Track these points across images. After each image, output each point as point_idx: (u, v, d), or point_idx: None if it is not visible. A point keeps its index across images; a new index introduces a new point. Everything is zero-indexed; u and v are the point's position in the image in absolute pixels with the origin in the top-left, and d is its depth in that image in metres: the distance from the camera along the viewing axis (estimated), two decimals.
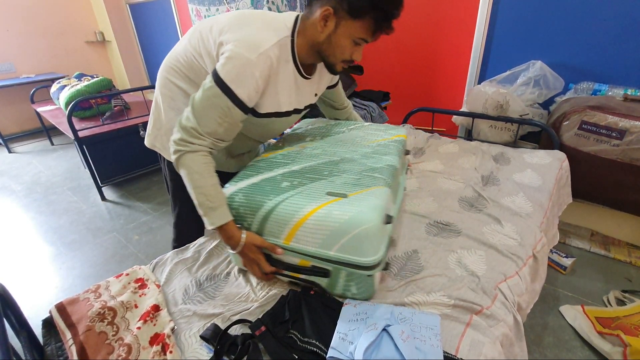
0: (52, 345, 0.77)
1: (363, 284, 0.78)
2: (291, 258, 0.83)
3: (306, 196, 0.78)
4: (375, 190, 0.78)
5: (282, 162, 0.94)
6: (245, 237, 0.82)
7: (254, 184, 0.85)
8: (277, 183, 0.84)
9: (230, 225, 0.82)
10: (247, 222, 0.83)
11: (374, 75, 2.71)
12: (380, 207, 0.74)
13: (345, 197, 0.75)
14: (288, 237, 0.79)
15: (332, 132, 1.12)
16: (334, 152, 0.98)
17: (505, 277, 0.88)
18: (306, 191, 0.79)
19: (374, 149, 0.98)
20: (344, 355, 0.66)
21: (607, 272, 1.64)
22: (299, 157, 0.97)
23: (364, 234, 0.71)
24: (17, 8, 3.69)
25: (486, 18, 1.99)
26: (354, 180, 0.82)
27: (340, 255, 0.74)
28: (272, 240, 0.82)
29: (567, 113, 1.58)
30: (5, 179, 3.01)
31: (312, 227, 0.74)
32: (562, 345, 1.32)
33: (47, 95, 3.31)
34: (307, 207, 0.75)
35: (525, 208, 1.17)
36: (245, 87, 0.79)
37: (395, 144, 1.02)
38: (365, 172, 0.86)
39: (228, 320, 0.79)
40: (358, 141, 1.04)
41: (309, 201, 0.76)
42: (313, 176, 0.85)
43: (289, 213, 0.76)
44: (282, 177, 0.86)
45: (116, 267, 1.89)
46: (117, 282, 0.92)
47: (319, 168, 0.89)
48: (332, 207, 0.73)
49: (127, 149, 2.61)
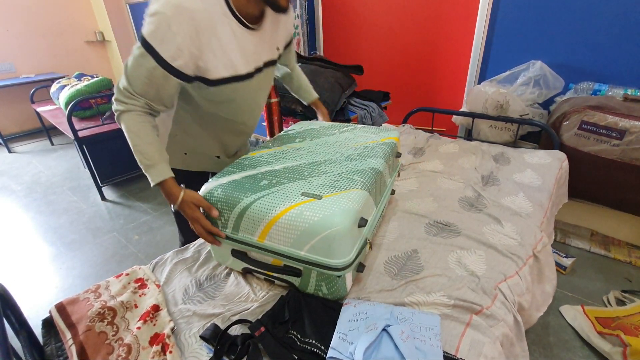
0: (52, 345, 0.77)
1: (333, 284, 0.79)
2: (264, 257, 0.84)
3: (281, 195, 0.78)
4: (351, 193, 0.78)
5: (266, 161, 0.95)
6: (183, 194, 0.84)
7: (234, 181, 0.86)
8: (256, 181, 0.85)
9: (168, 182, 0.84)
10: (225, 218, 0.84)
11: (374, 75, 2.71)
12: (353, 210, 0.74)
13: (319, 199, 0.76)
14: (262, 235, 0.79)
15: (323, 134, 1.13)
16: (319, 153, 0.98)
17: (505, 277, 0.88)
18: (282, 190, 0.80)
19: (360, 152, 0.98)
20: (344, 356, 0.66)
21: (607, 272, 1.64)
22: (283, 157, 0.97)
23: (333, 236, 0.71)
24: (17, 8, 3.69)
25: (486, 18, 1.99)
26: (331, 182, 0.82)
27: (310, 255, 0.75)
28: (247, 237, 0.82)
29: (567, 113, 1.58)
30: (5, 179, 3.01)
31: (284, 226, 0.75)
32: (562, 345, 1.32)
33: (47, 95, 3.31)
34: (281, 206, 0.75)
35: (525, 208, 1.17)
36: (166, 45, 0.76)
37: (384, 146, 1.02)
38: (345, 174, 0.86)
39: (228, 321, 0.79)
40: (346, 143, 1.04)
41: (282, 200, 0.77)
42: (292, 176, 0.86)
43: (262, 211, 0.77)
44: (262, 176, 0.87)
45: (116, 267, 1.89)
46: (117, 282, 0.92)
47: (299, 168, 0.90)
48: (304, 208, 0.74)
49: (127, 149, 2.56)
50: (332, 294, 0.81)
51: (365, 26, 2.69)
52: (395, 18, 2.50)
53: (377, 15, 2.59)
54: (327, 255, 0.73)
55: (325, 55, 2.87)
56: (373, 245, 1.01)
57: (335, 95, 1.82)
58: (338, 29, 2.85)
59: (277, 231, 0.76)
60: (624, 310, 1.39)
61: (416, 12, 2.37)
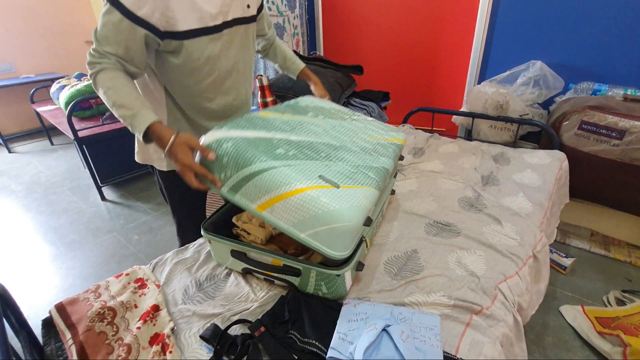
0: (52, 345, 0.77)
1: (333, 283, 0.79)
2: (264, 257, 0.84)
3: (298, 172, 0.75)
4: (366, 190, 0.78)
5: (280, 128, 0.90)
6: (175, 136, 0.80)
7: (247, 139, 0.80)
8: (271, 147, 0.80)
9: (156, 126, 0.81)
10: (226, 174, 0.78)
11: (374, 75, 2.71)
12: (366, 209, 0.74)
13: (337, 188, 0.74)
14: (264, 205, 0.75)
15: (335, 116, 1.08)
16: (335, 136, 0.95)
17: (505, 277, 0.88)
18: (300, 166, 0.76)
19: (374, 147, 0.97)
20: (344, 356, 0.66)
21: (607, 272, 1.64)
22: (299, 128, 0.93)
23: (341, 230, 0.70)
24: (17, 8, 3.68)
25: (486, 18, 1.99)
26: (348, 173, 0.81)
27: (309, 240, 0.73)
28: (244, 202, 0.78)
29: (567, 113, 1.58)
30: (5, 179, 3.01)
31: (293, 205, 0.72)
32: (562, 345, 1.32)
33: (47, 95, 3.31)
34: (297, 184, 0.72)
35: (525, 208, 1.17)
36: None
37: (394, 147, 1.02)
38: (361, 167, 0.85)
39: (228, 321, 0.79)
40: (359, 134, 1.02)
41: (300, 178, 0.73)
42: (310, 153, 0.83)
43: (275, 182, 0.73)
44: (278, 142, 0.82)
45: (116, 267, 1.89)
46: (116, 282, 0.92)
47: (317, 147, 0.87)
48: (321, 193, 0.72)
49: (127, 149, 2.57)
50: (332, 294, 0.81)
51: (365, 26, 2.69)
52: (395, 18, 2.50)
53: (377, 15, 2.59)
54: (329, 245, 0.72)
55: (325, 55, 2.87)
56: (373, 245, 1.01)
57: (335, 95, 1.83)
58: (338, 29, 2.85)
59: (283, 207, 0.73)
60: (624, 310, 1.39)
61: (416, 12, 2.37)
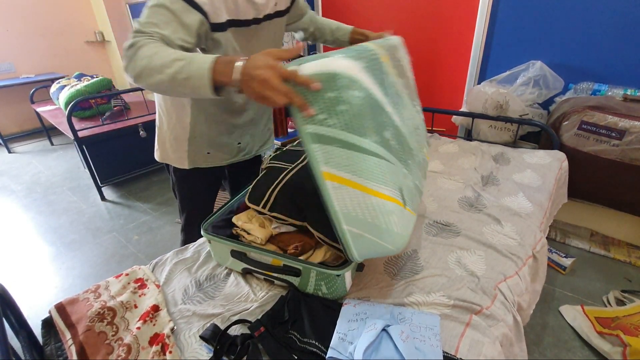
0: (52, 345, 0.77)
1: (333, 283, 0.79)
2: (264, 257, 0.84)
3: (389, 173, 0.69)
4: (414, 217, 0.77)
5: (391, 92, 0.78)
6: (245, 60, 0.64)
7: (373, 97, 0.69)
8: (382, 125, 0.71)
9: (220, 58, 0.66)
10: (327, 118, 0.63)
11: None
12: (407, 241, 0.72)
13: (404, 209, 0.71)
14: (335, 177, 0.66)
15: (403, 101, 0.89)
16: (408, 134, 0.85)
17: (504, 277, 0.88)
18: (393, 168, 0.71)
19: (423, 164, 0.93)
20: (344, 356, 0.66)
21: (607, 272, 1.64)
22: (396, 107, 0.80)
23: (382, 249, 0.69)
24: (17, 8, 3.69)
25: (486, 18, 1.99)
26: (411, 191, 0.77)
27: (347, 235, 0.69)
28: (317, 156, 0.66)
29: (566, 113, 1.58)
30: (5, 179, 3.01)
31: (366, 203, 0.66)
32: (561, 345, 1.32)
33: (47, 95, 3.31)
34: (382, 188, 0.67)
35: (525, 208, 1.17)
36: None
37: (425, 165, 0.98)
38: (416, 189, 0.83)
39: (228, 321, 0.79)
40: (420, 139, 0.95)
41: (388, 182, 0.68)
42: (401, 150, 0.77)
43: (368, 171, 0.66)
44: (387, 121, 0.73)
45: (116, 267, 1.89)
46: (116, 282, 0.92)
47: (405, 145, 0.80)
48: (396, 209, 0.68)
49: (127, 149, 2.61)
50: (332, 294, 0.81)
51: (365, 26, 2.68)
52: (395, 18, 2.50)
53: (377, 15, 2.59)
54: (358, 250, 0.70)
55: None
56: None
57: None
58: None
59: (353, 195, 0.66)
60: (623, 310, 1.39)
61: (416, 11, 2.37)
